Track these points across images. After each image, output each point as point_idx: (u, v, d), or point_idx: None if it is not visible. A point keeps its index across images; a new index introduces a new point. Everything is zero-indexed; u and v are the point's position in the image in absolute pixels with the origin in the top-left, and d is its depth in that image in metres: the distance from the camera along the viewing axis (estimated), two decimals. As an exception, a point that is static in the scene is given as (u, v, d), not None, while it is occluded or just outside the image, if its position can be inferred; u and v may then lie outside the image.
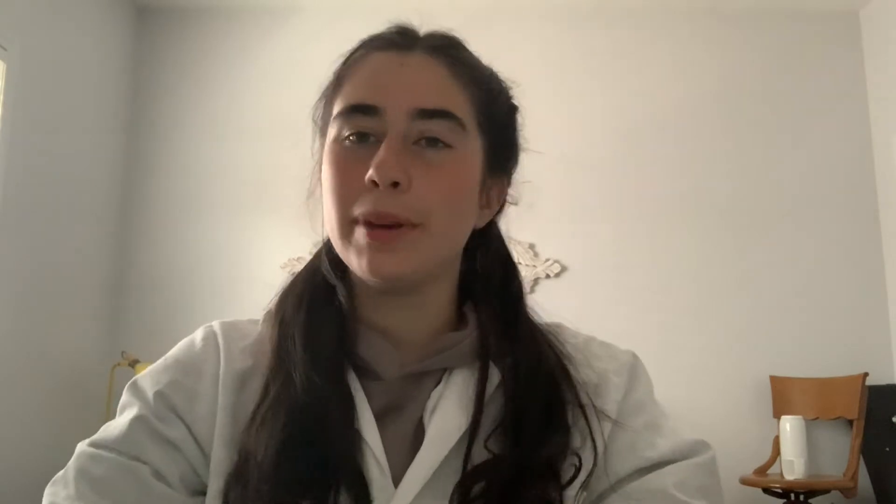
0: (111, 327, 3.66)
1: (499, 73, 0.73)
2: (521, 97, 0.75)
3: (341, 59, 0.70)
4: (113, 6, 3.78)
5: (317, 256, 0.74)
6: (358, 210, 0.63)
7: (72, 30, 3.44)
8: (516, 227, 0.77)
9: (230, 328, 0.72)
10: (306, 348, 0.66)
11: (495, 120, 0.70)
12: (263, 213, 3.68)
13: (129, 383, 0.69)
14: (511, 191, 0.75)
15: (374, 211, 0.62)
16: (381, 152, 0.62)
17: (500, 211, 0.75)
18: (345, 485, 0.60)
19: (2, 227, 2.92)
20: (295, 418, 0.62)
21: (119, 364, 3.29)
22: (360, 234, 0.64)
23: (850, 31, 3.88)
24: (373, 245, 0.63)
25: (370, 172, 0.62)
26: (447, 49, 0.69)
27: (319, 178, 0.71)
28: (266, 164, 3.71)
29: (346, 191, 0.64)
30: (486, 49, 0.74)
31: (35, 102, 3.14)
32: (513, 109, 0.74)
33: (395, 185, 0.62)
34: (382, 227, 0.63)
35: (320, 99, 0.71)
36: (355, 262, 0.65)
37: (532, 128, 0.77)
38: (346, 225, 0.65)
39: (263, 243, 3.67)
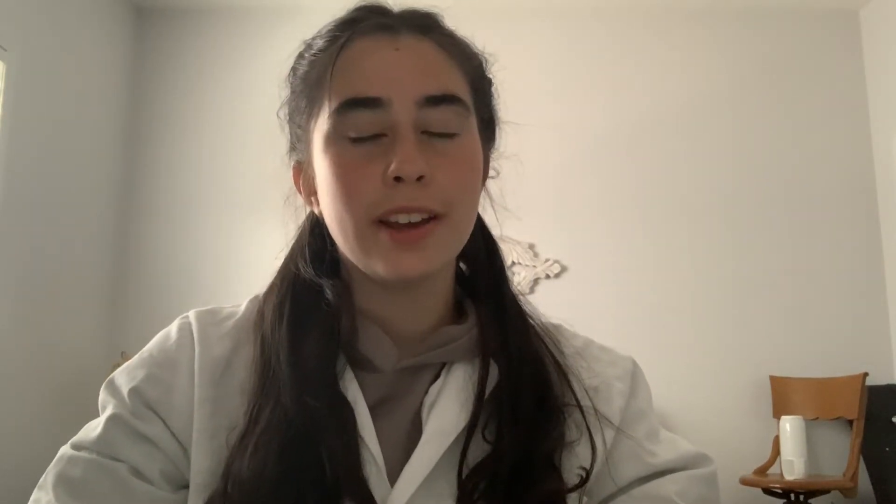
0: (110, 328, 3.66)
1: (473, 43, 0.69)
2: (520, 97, 0.73)
3: (317, 50, 0.65)
4: (112, 6, 3.78)
5: (289, 260, 0.70)
6: (380, 209, 0.60)
7: (71, 30, 3.44)
8: (516, 228, 0.76)
9: (206, 315, 0.69)
10: (294, 367, 0.62)
11: (483, 93, 0.68)
12: (264, 214, 3.66)
13: (106, 381, 0.67)
14: (493, 163, 0.73)
15: (403, 205, 0.59)
16: (402, 146, 0.59)
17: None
18: (349, 499, 0.58)
19: (2, 227, 2.91)
20: (290, 447, 0.59)
21: (118, 364, 3.29)
22: (384, 235, 0.61)
23: (850, 30, 3.88)
24: (400, 246, 0.60)
25: (393, 168, 0.59)
26: (434, 27, 0.65)
27: (303, 182, 0.69)
28: (266, 163, 3.69)
29: (361, 192, 0.60)
30: (488, 45, 0.72)
31: (35, 103, 3.14)
32: (491, 79, 0.71)
33: (420, 178, 0.59)
34: (409, 225, 0.60)
35: (297, 96, 0.67)
36: (380, 265, 0.62)
37: (532, 128, 0.76)
38: (366, 227, 0.61)
39: (264, 243, 3.65)
